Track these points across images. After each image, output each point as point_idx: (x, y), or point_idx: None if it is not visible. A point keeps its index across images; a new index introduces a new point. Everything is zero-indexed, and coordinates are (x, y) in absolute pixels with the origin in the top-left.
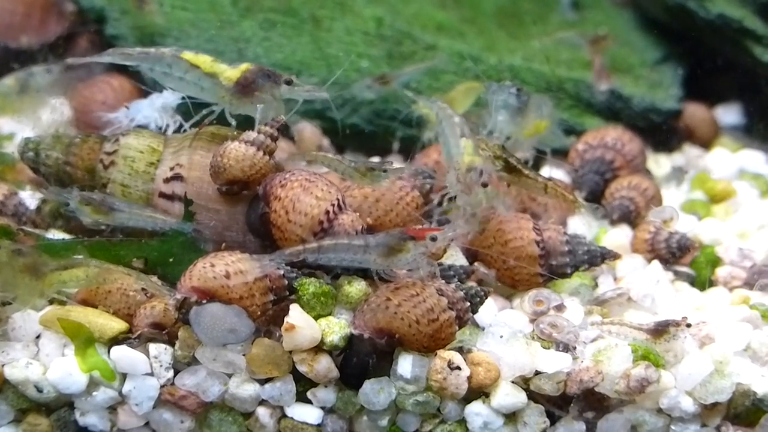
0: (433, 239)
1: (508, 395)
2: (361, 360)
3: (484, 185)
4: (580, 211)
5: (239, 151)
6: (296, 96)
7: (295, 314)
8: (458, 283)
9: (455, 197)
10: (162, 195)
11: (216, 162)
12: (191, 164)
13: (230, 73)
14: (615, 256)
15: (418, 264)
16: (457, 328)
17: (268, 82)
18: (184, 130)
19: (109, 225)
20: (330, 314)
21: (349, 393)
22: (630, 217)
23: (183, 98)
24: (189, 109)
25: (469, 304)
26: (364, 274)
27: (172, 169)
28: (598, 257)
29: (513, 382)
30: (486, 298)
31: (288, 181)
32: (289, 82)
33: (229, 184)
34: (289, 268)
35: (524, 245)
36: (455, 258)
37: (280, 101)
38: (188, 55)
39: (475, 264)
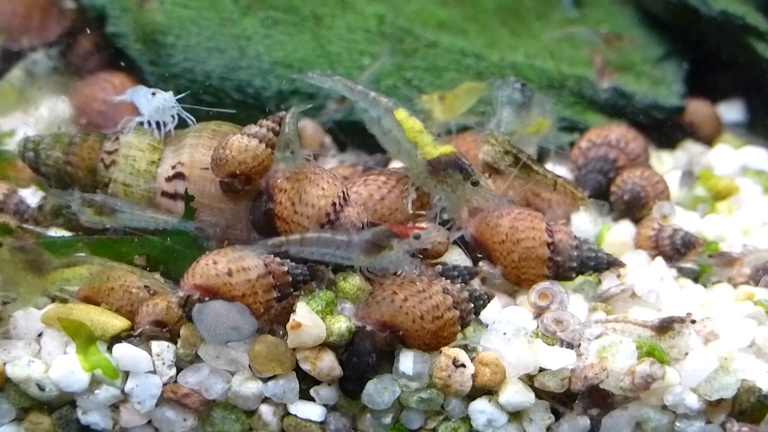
0: (417, 237)
1: (517, 393)
2: (361, 360)
3: (474, 183)
4: (587, 208)
5: (242, 143)
6: (478, 197)
7: (302, 312)
8: (462, 284)
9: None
10: (165, 194)
11: (218, 154)
12: (193, 162)
13: (429, 149)
14: (620, 265)
15: (401, 263)
16: (459, 327)
17: (457, 175)
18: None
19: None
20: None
21: (357, 394)
22: (638, 205)
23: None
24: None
25: (472, 305)
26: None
27: (173, 167)
28: (604, 264)
29: (519, 379)
30: (489, 300)
31: (293, 173)
32: (475, 183)
33: (231, 176)
34: (293, 264)
35: (535, 246)
36: (459, 260)
37: (461, 198)
38: (401, 114)
39: (480, 264)
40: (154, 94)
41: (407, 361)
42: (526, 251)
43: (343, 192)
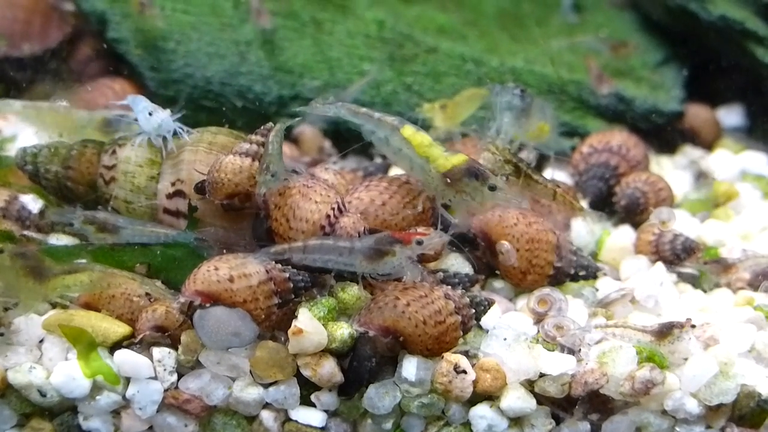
0: (419, 243)
1: (519, 398)
2: (361, 365)
3: (492, 188)
4: (585, 219)
5: (235, 164)
6: (498, 200)
7: (304, 318)
8: (463, 290)
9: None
10: (167, 211)
11: (213, 178)
12: (192, 179)
13: (442, 162)
14: (604, 273)
15: (404, 268)
16: (461, 333)
17: (474, 182)
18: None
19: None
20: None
21: (353, 398)
22: (635, 211)
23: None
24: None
25: (473, 311)
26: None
27: (173, 184)
28: (594, 269)
29: (521, 385)
30: (490, 306)
31: (286, 188)
32: (493, 188)
33: (229, 198)
34: (295, 271)
35: (545, 230)
36: (456, 265)
37: (482, 204)
38: (408, 131)
39: (501, 242)
40: (151, 113)
41: (410, 367)
42: (538, 233)
43: (338, 202)
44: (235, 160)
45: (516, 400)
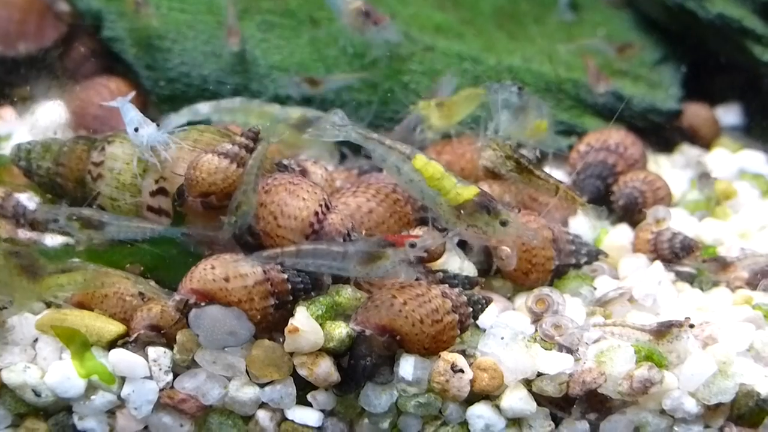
0: (412, 246)
1: (521, 399)
2: (357, 363)
3: (504, 223)
4: (587, 213)
5: (212, 164)
6: (509, 235)
7: (301, 317)
8: (460, 289)
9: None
10: (150, 209)
11: (189, 175)
12: (175, 177)
13: (453, 195)
14: (606, 255)
15: (398, 271)
16: (458, 332)
17: (485, 215)
18: None
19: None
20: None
21: (349, 396)
22: (634, 210)
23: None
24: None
25: (471, 309)
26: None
27: (156, 181)
28: (595, 253)
29: (521, 384)
30: (487, 305)
31: (271, 186)
32: (504, 223)
33: (203, 196)
34: (295, 272)
35: (540, 228)
36: (465, 269)
37: (492, 237)
38: (420, 161)
39: (501, 248)
40: (137, 129)
41: (408, 366)
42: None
43: (325, 199)
44: (212, 160)
45: (518, 400)
